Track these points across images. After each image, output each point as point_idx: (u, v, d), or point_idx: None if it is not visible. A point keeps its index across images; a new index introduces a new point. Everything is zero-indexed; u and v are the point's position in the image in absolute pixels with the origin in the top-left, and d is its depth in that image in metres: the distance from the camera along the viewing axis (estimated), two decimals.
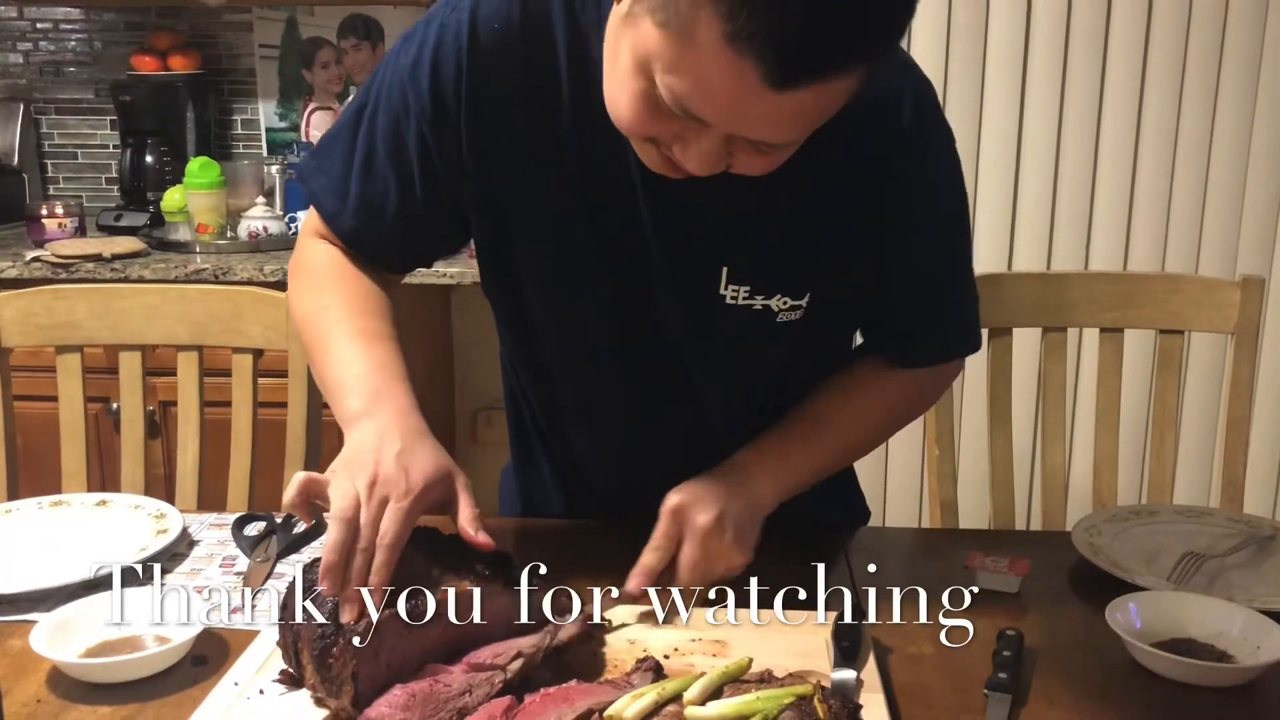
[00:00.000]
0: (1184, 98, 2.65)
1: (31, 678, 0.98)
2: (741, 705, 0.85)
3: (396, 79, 1.10)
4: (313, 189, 1.18)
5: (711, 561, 1.07)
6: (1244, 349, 1.60)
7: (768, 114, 0.85)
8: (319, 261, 1.19)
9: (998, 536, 1.48)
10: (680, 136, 0.91)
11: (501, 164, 1.10)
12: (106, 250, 2.52)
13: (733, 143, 0.90)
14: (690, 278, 1.11)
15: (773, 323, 1.12)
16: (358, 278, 1.17)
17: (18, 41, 3.10)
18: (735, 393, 1.21)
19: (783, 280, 1.10)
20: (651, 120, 0.90)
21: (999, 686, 0.96)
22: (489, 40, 1.06)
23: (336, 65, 3.03)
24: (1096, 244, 2.74)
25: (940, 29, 2.63)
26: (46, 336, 1.58)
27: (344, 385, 1.07)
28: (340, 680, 0.88)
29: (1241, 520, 1.32)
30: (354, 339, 1.10)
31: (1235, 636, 1.03)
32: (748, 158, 0.92)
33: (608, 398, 1.22)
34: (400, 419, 1.01)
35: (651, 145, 0.94)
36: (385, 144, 1.12)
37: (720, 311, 1.11)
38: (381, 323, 1.13)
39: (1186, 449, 2.73)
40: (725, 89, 0.83)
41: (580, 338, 1.18)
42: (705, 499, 1.07)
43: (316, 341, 1.13)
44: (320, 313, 1.14)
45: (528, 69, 1.06)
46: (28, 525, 1.28)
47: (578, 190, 1.09)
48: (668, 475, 1.10)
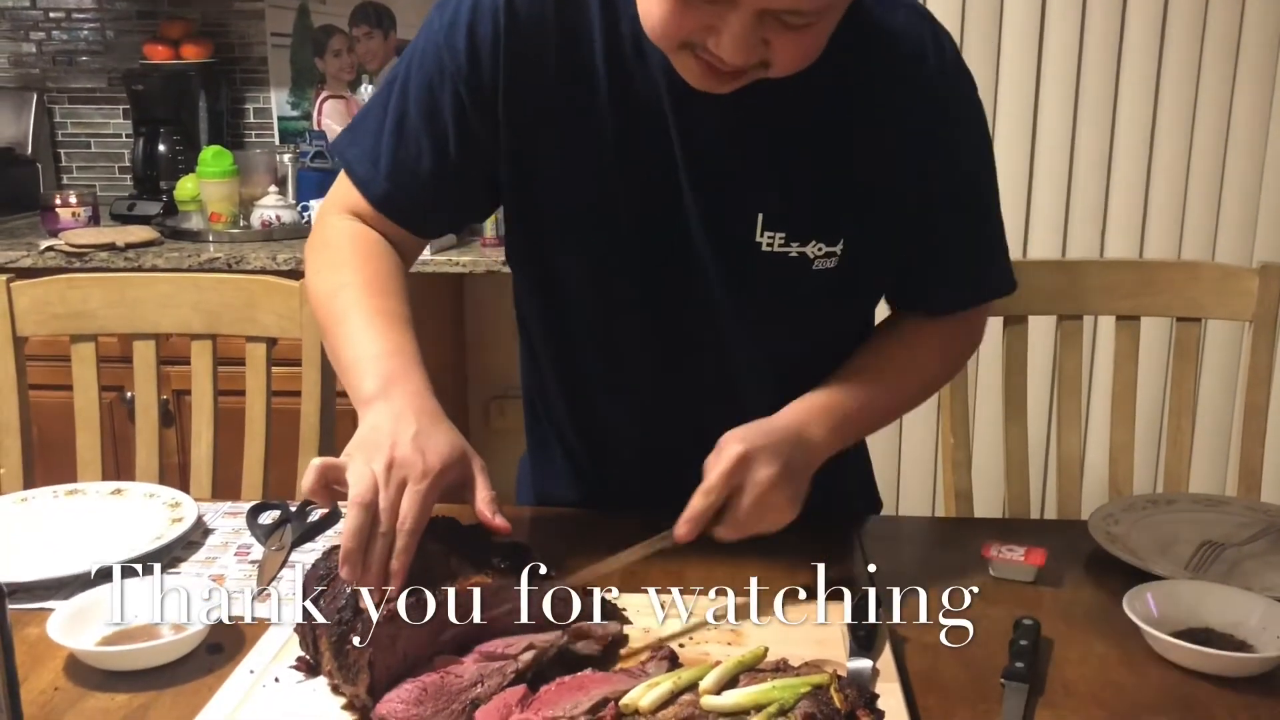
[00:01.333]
0: (1201, 84, 2.63)
1: (48, 665, 0.98)
2: (757, 694, 0.85)
3: (431, 44, 1.12)
4: (348, 159, 1.18)
5: (766, 515, 1.05)
6: (1262, 337, 1.59)
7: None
8: (341, 238, 1.18)
9: (1013, 525, 1.48)
10: (711, 27, 0.93)
11: (537, 123, 1.11)
12: (120, 239, 2.52)
13: (764, 25, 0.93)
14: (726, 226, 1.11)
15: (809, 270, 1.13)
16: (380, 256, 1.17)
17: (30, 31, 3.11)
18: (766, 350, 1.20)
19: (817, 225, 1.11)
20: (683, 14, 0.93)
21: (1015, 676, 0.95)
22: (524, 3, 1.08)
23: (349, 53, 3.03)
24: (1112, 231, 2.72)
25: (955, 16, 2.61)
26: (61, 326, 1.58)
27: (360, 366, 1.06)
28: (357, 668, 0.88)
29: (1259, 509, 1.31)
30: (371, 319, 1.09)
31: (1253, 626, 1.02)
32: (782, 42, 0.94)
33: (634, 359, 1.21)
34: (416, 401, 1.01)
35: (689, 54, 0.97)
36: (419, 107, 1.13)
37: (757, 259, 1.12)
38: (399, 304, 1.13)
39: (1203, 437, 2.71)
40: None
41: (610, 295, 1.18)
42: (770, 449, 1.05)
43: (333, 319, 1.13)
44: (339, 290, 1.14)
45: (561, 29, 1.08)
46: (44, 514, 1.29)
47: (612, 146, 1.10)
48: (691, 440, 1.09)
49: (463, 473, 1.00)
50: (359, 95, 2.95)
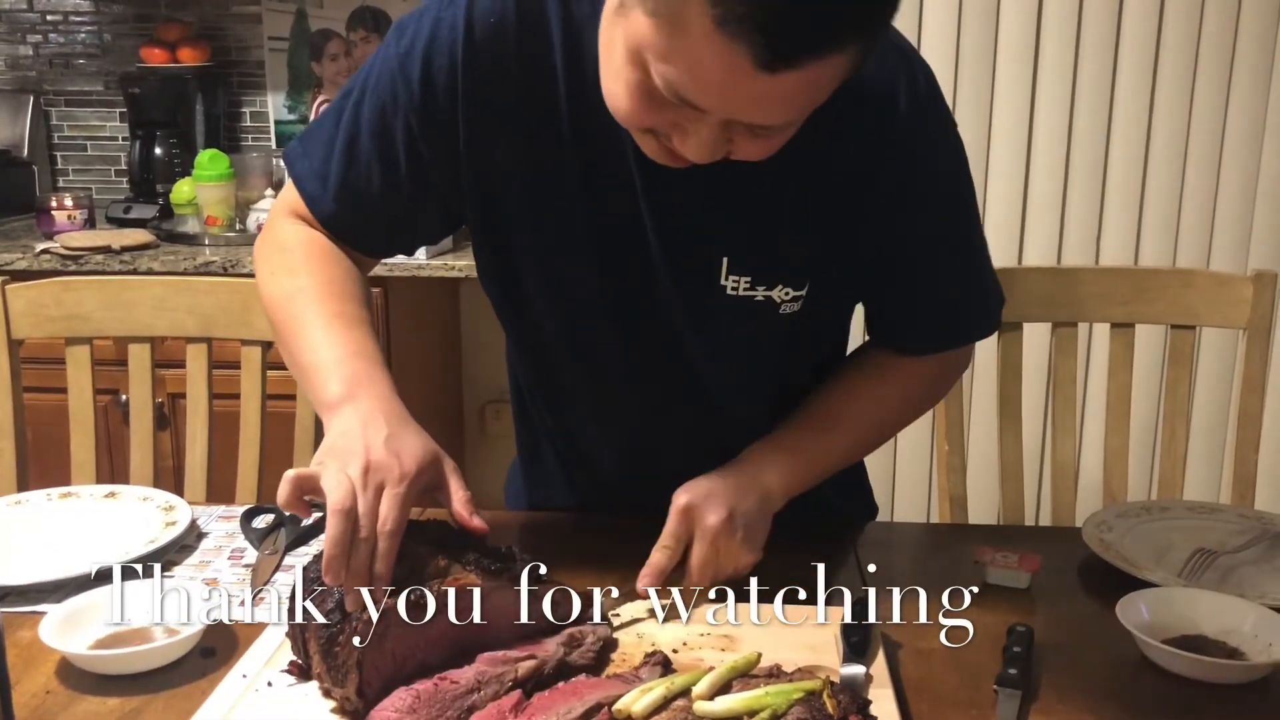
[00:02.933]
0: (1196, 91, 2.63)
1: (40, 669, 0.98)
2: (750, 700, 0.85)
3: (386, 69, 1.10)
4: (297, 173, 1.17)
5: (722, 561, 1.07)
6: (1256, 344, 1.60)
7: (762, 96, 0.85)
8: (294, 241, 1.17)
9: (1007, 531, 1.48)
10: (678, 125, 0.91)
11: (498, 159, 1.09)
12: (116, 242, 2.52)
13: (731, 129, 0.91)
14: (691, 269, 1.10)
15: (775, 314, 1.12)
16: (334, 259, 1.16)
17: (27, 33, 3.10)
18: (738, 384, 1.20)
19: (784, 270, 1.10)
20: (649, 110, 0.91)
21: (1009, 682, 0.95)
22: (484, 35, 1.05)
23: (346, 57, 3.03)
24: (1107, 238, 2.72)
25: (950, 24, 2.62)
26: (56, 328, 1.58)
27: (322, 371, 1.05)
28: (345, 669, 0.88)
29: (1253, 516, 1.32)
30: (330, 323, 1.09)
31: (1246, 633, 1.02)
32: (746, 143, 0.92)
33: (610, 390, 1.21)
34: (383, 404, 1.01)
35: (651, 136, 0.95)
36: (370, 129, 1.11)
37: (722, 303, 1.11)
38: (357, 307, 1.12)
39: (1197, 445, 2.72)
40: (718, 74, 0.83)
41: (581, 332, 1.18)
42: (715, 497, 1.07)
43: (289, 324, 1.11)
44: (295, 294, 1.13)
45: (523, 64, 1.06)
46: (37, 516, 1.29)
47: (575, 184, 1.09)
48: (673, 465, 1.10)
49: (435, 475, 1.00)
50: None
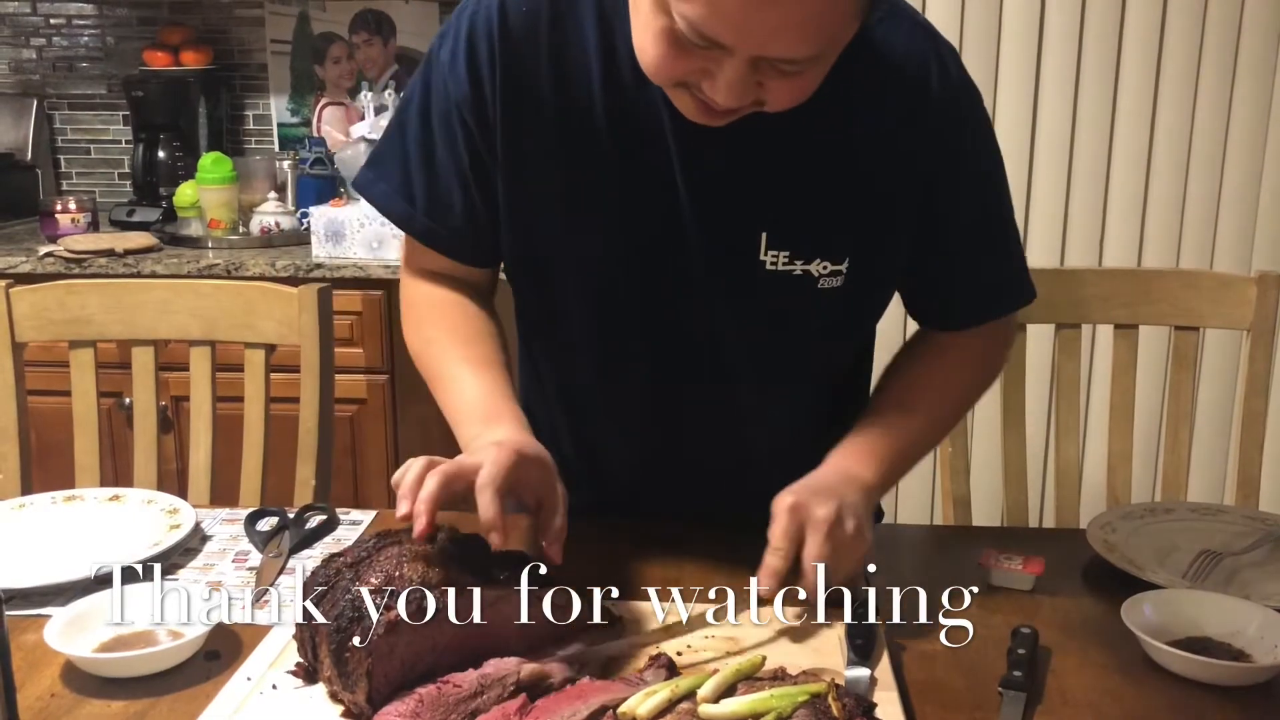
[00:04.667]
0: (1199, 92, 2.63)
1: (45, 672, 0.98)
2: (755, 703, 0.85)
3: (439, 74, 1.12)
4: (375, 199, 1.19)
5: (839, 553, 1.03)
6: (1259, 345, 1.59)
7: (779, 23, 0.87)
8: (419, 297, 1.23)
9: (1011, 534, 1.48)
10: (706, 70, 0.93)
11: (534, 146, 1.11)
12: (119, 245, 2.53)
13: (759, 70, 0.93)
14: (729, 246, 1.11)
15: (813, 289, 1.12)
16: (457, 305, 1.21)
17: (31, 37, 3.11)
18: (768, 374, 1.20)
19: (822, 243, 1.11)
20: (677, 58, 0.93)
21: (1014, 684, 0.95)
22: (518, 24, 1.08)
23: (348, 60, 3.03)
24: (1110, 240, 2.72)
25: (953, 27, 2.62)
26: (59, 331, 1.58)
27: (460, 413, 1.11)
28: (356, 676, 0.88)
29: (1257, 518, 1.31)
30: (460, 366, 1.14)
31: (1252, 635, 1.02)
32: (776, 85, 0.94)
33: (635, 381, 1.21)
34: (515, 433, 1.05)
35: (684, 91, 0.97)
36: (442, 137, 1.13)
37: (761, 279, 1.12)
38: (486, 348, 1.17)
39: (1201, 446, 2.71)
40: (733, 3, 0.86)
41: (611, 317, 1.18)
42: (821, 493, 1.05)
43: (430, 375, 1.18)
44: (427, 346, 1.19)
45: (556, 52, 1.08)
46: (41, 520, 1.29)
47: (612, 167, 1.10)
48: (689, 468, 1.09)
49: (543, 483, 1.03)
50: (358, 102, 2.95)
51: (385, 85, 3.00)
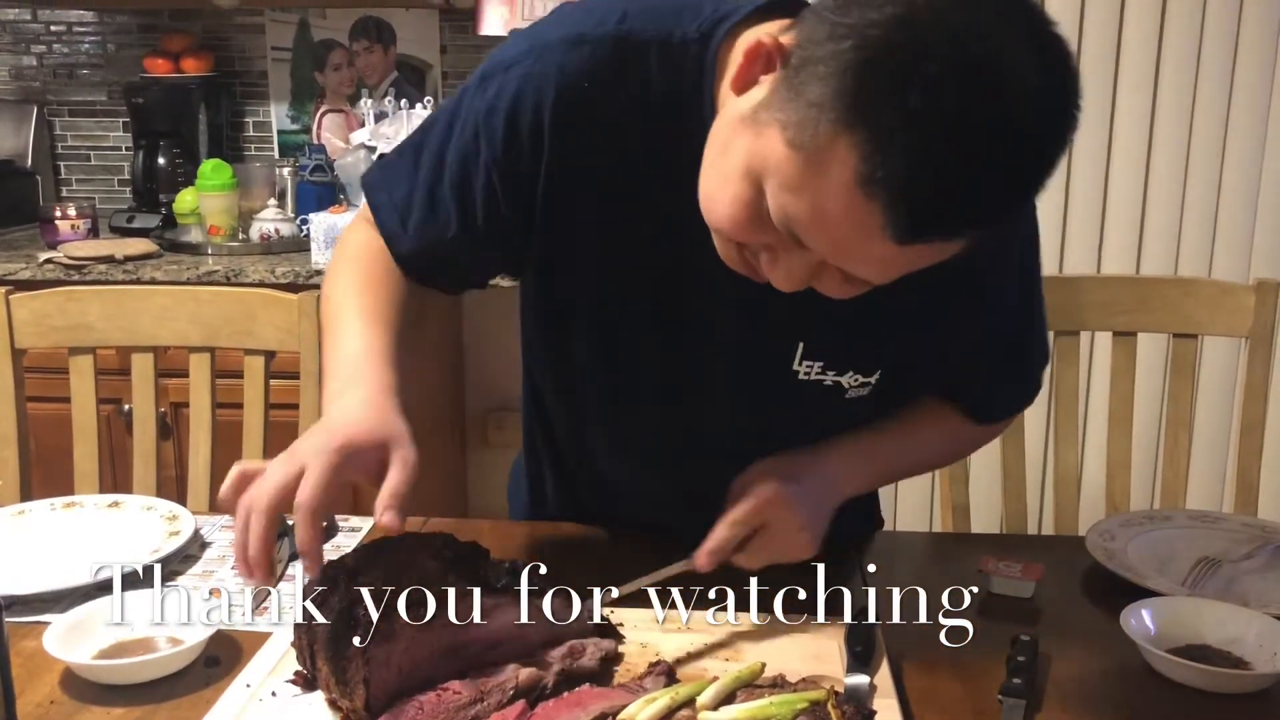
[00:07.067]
0: (1197, 100, 2.63)
1: (45, 679, 0.98)
2: (755, 710, 0.85)
3: (471, 118, 1.05)
4: (375, 202, 1.16)
5: (786, 552, 1.06)
6: (1258, 353, 1.60)
7: (880, 258, 0.83)
8: (358, 246, 1.16)
9: (1010, 541, 1.48)
10: (772, 249, 0.89)
11: (575, 220, 1.06)
12: (119, 252, 2.53)
13: (825, 267, 0.88)
14: (765, 353, 1.09)
15: (842, 397, 1.12)
16: (381, 256, 1.14)
17: (31, 44, 3.11)
18: (775, 442, 1.16)
19: (856, 357, 1.09)
20: (749, 228, 0.87)
21: (1013, 692, 0.95)
22: (576, 99, 1.00)
23: (348, 67, 3.04)
24: (1109, 247, 2.72)
25: None
26: (59, 338, 1.58)
27: (333, 365, 1.05)
28: (354, 683, 0.88)
29: (1256, 525, 1.32)
30: (353, 320, 1.08)
31: (1250, 643, 1.02)
32: (834, 284, 0.90)
33: (644, 459, 1.21)
34: (363, 404, 0.98)
35: (735, 246, 0.92)
36: (452, 177, 1.08)
37: (790, 386, 1.10)
38: (386, 306, 1.10)
39: (1200, 453, 2.71)
40: (844, 227, 0.80)
41: (631, 397, 1.16)
42: (803, 495, 1.06)
43: (325, 324, 1.12)
44: (332, 295, 1.13)
45: (614, 133, 1.01)
46: (40, 526, 1.29)
47: (653, 263, 1.06)
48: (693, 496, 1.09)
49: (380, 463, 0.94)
50: (358, 109, 2.96)
51: (385, 92, 3.01)
